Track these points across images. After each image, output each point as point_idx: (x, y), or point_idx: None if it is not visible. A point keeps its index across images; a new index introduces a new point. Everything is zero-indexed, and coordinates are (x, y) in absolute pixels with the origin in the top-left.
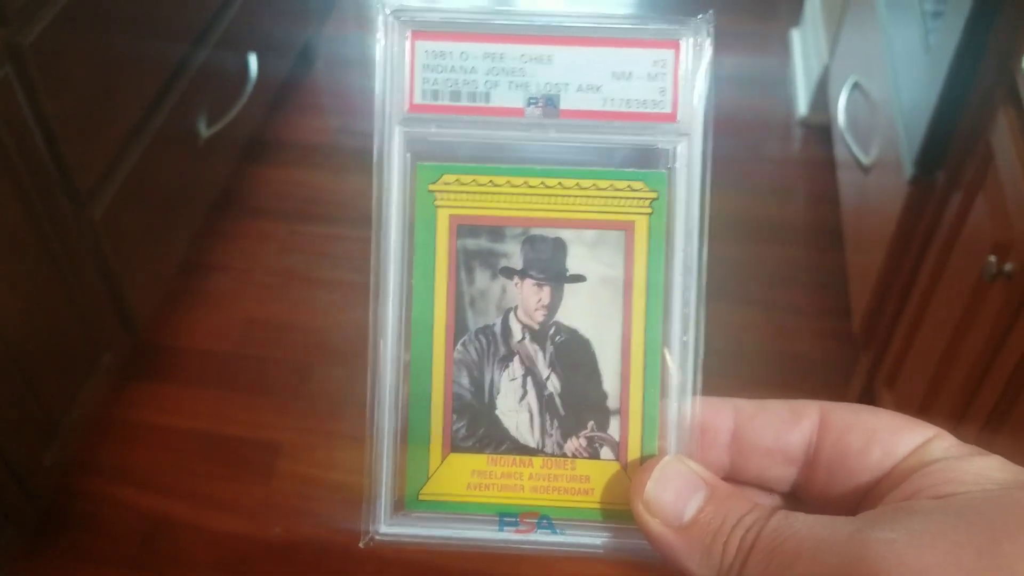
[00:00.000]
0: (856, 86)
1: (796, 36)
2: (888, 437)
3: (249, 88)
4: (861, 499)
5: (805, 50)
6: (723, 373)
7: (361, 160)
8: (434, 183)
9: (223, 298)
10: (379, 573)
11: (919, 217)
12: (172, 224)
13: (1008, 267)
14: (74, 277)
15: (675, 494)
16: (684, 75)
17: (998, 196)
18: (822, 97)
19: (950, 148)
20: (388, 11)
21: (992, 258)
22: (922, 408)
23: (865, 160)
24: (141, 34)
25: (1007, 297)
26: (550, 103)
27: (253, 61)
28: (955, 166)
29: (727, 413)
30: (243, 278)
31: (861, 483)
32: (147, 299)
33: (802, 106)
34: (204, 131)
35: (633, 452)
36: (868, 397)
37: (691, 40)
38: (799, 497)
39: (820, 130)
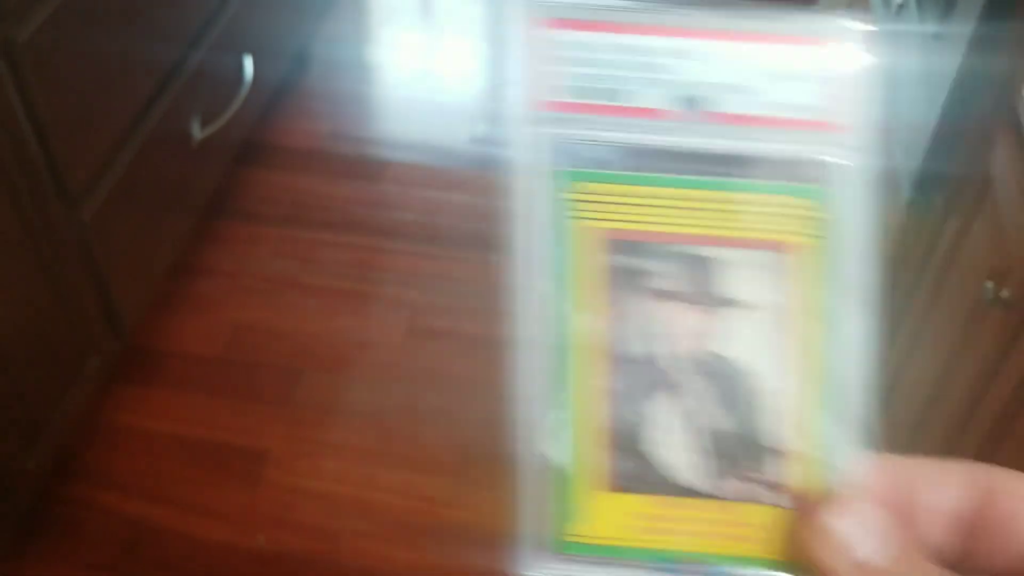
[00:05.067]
0: None
1: None
2: None
3: (244, 91)
4: None
5: None
6: None
7: (353, 165)
8: (574, 192)
9: (212, 302)
10: None
11: (915, 240)
12: (163, 226)
13: (1005, 294)
14: (62, 278)
15: (854, 537)
16: (853, 79)
17: (996, 222)
18: None
19: (948, 173)
20: None
21: (989, 284)
22: (915, 432)
23: None
24: (136, 34)
25: (1004, 323)
26: (701, 105)
27: (249, 64)
28: (953, 191)
29: (900, 472)
30: (233, 282)
31: None
32: (135, 302)
33: None
34: (198, 133)
35: (798, 497)
36: None
37: (860, 39)
38: (954, 567)
39: None
